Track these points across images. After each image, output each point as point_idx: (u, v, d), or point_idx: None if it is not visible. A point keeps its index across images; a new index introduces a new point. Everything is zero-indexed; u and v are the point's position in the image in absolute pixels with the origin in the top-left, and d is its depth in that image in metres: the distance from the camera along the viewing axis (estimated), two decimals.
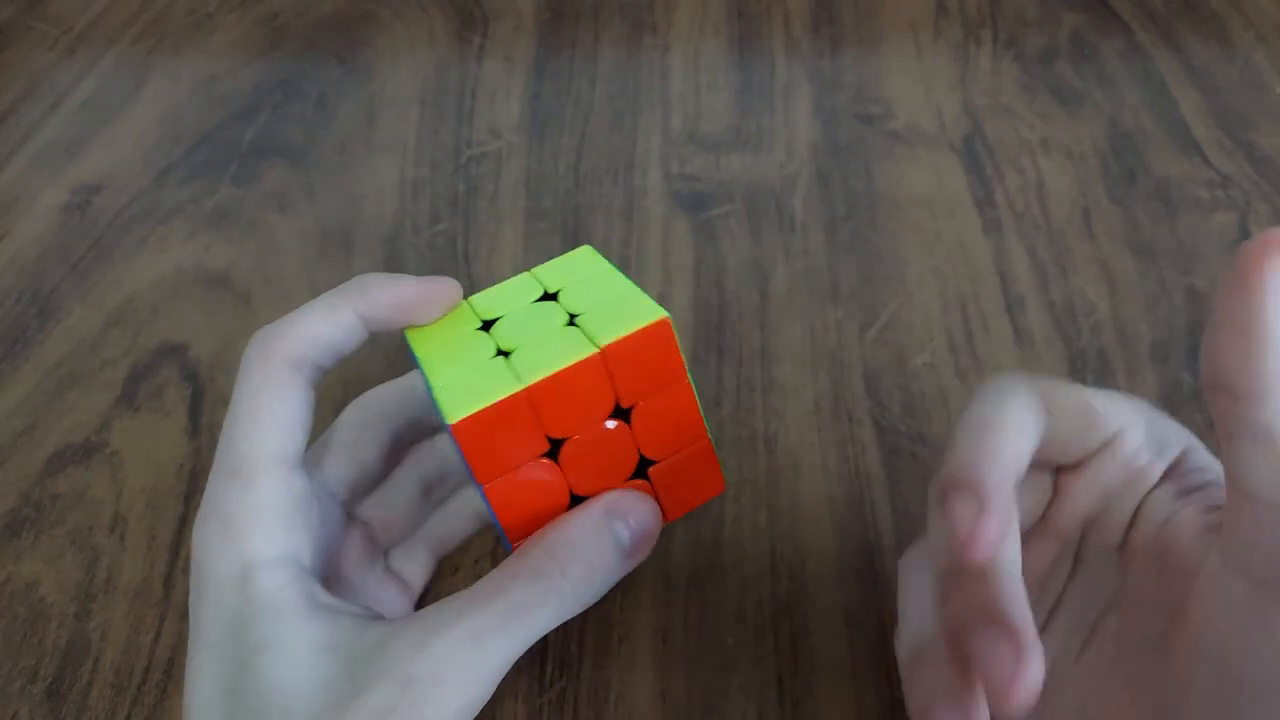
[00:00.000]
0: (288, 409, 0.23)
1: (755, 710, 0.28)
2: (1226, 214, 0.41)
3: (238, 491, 0.22)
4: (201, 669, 0.22)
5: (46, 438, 0.34)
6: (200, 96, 0.48)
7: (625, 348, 0.22)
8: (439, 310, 0.25)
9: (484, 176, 0.44)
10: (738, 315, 0.38)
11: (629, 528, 0.23)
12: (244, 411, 0.23)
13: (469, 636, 0.21)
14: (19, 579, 0.31)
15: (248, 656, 0.21)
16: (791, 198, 0.42)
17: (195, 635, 0.22)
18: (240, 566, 0.22)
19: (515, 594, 0.21)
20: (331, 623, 0.21)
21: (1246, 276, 0.18)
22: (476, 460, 0.22)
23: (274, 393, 0.23)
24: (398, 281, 0.24)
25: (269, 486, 0.22)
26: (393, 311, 0.24)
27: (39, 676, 0.28)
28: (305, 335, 0.23)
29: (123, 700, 0.28)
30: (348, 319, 0.24)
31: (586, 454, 0.23)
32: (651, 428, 0.24)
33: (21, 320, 0.38)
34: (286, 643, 0.21)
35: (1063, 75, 0.48)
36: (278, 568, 0.22)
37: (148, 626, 0.29)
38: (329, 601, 0.22)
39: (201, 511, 0.23)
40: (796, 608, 0.30)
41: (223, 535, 0.22)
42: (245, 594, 0.21)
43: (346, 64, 0.50)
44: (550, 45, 0.51)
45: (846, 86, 0.48)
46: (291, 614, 0.21)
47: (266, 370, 0.23)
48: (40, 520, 0.32)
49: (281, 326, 0.23)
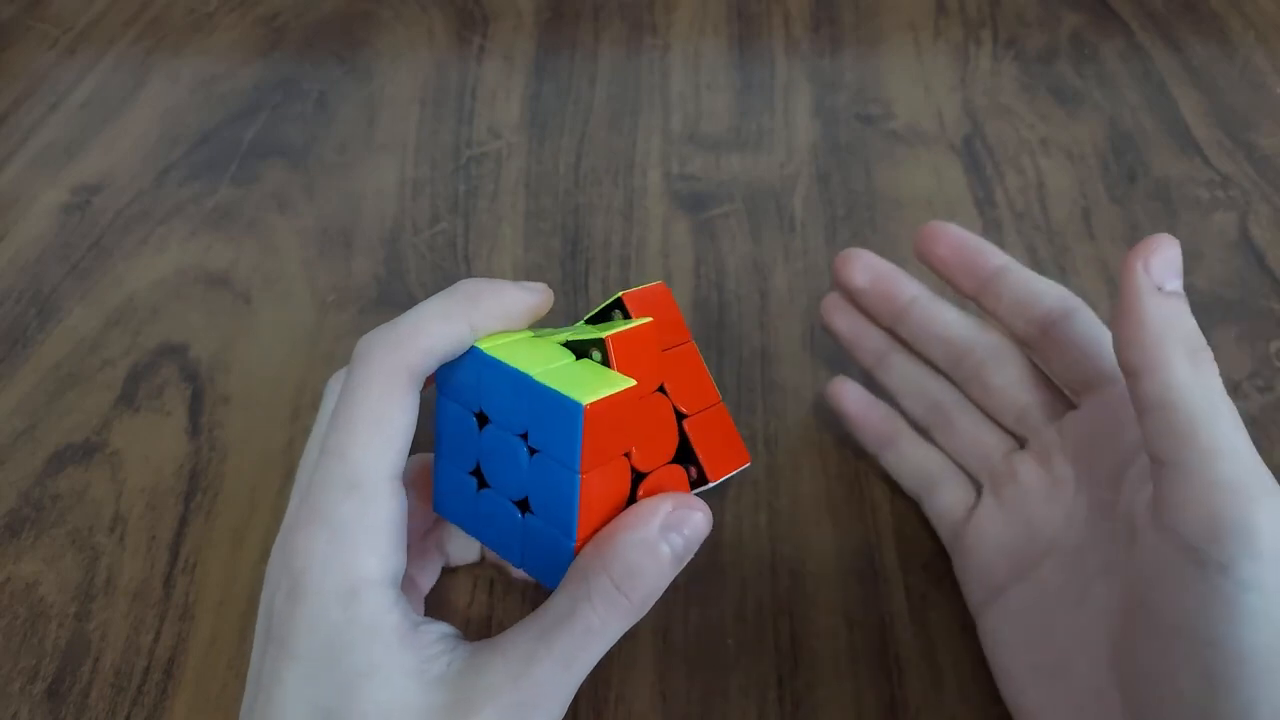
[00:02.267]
0: (406, 424, 0.23)
1: (755, 710, 0.28)
2: (1226, 214, 0.41)
3: (356, 506, 0.22)
4: (291, 685, 0.21)
5: (46, 438, 0.34)
6: (200, 96, 0.48)
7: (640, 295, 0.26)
8: (535, 317, 0.25)
9: (484, 176, 0.44)
10: (738, 315, 0.38)
11: (683, 538, 0.23)
12: (366, 422, 0.22)
13: (560, 663, 0.21)
14: (19, 579, 0.31)
15: (350, 680, 0.21)
16: (791, 198, 0.42)
17: (286, 647, 0.21)
18: (349, 584, 0.21)
19: (592, 619, 0.22)
20: (427, 647, 0.22)
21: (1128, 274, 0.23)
22: (588, 448, 0.22)
23: (396, 406, 0.22)
24: (503, 290, 0.24)
25: (385, 503, 0.22)
26: (500, 323, 0.24)
27: (39, 676, 0.28)
28: (424, 347, 0.23)
29: (123, 700, 0.28)
30: (462, 331, 0.23)
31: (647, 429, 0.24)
32: (677, 380, 0.25)
33: (21, 320, 0.38)
34: (391, 668, 0.21)
35: (1063, 75, 0.48)
36: (386, 589, 0.22)
37: (148, 626, 0.29)
38: (420, 621, 0.22)
39: (307, 517, 0.22)
40: (796, 608, 0.30)
41: (334, 549, 0.21)
42: (351, 614, 0.21)
43: (346, 64, 0.50)
44: (550, 45, 0.51)
45: (846, 86, 0.48)
46: (396, 640, 0.21)
47: (389, 382, 0.22)
48: (40, 520, 0.32)
49: (402, 335, 0.23)
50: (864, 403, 0.32)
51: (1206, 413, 0.21)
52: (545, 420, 0.23)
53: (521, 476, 0.23)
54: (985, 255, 0.29)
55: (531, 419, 0.23)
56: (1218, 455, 0.21)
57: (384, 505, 0.22)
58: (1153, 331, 0.22)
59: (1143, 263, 0.23)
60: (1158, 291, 0.23)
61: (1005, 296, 0.28)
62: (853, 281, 0.31)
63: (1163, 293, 0.23)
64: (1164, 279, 0.23)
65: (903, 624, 0.29)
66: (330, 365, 0.36)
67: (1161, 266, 0.23)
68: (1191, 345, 0.22)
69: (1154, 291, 0.23)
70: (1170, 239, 0.23)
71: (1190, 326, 0.23)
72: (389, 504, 0.22)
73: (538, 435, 0.23)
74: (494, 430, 0.24)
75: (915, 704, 0.28)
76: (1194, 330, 0.23)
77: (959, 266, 0.29)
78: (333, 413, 0.23)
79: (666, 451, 0.25)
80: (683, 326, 0.26)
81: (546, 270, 0.40)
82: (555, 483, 0.23)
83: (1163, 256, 0.23)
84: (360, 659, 0.21)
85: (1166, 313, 0.23)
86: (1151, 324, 0.22)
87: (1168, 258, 0.23)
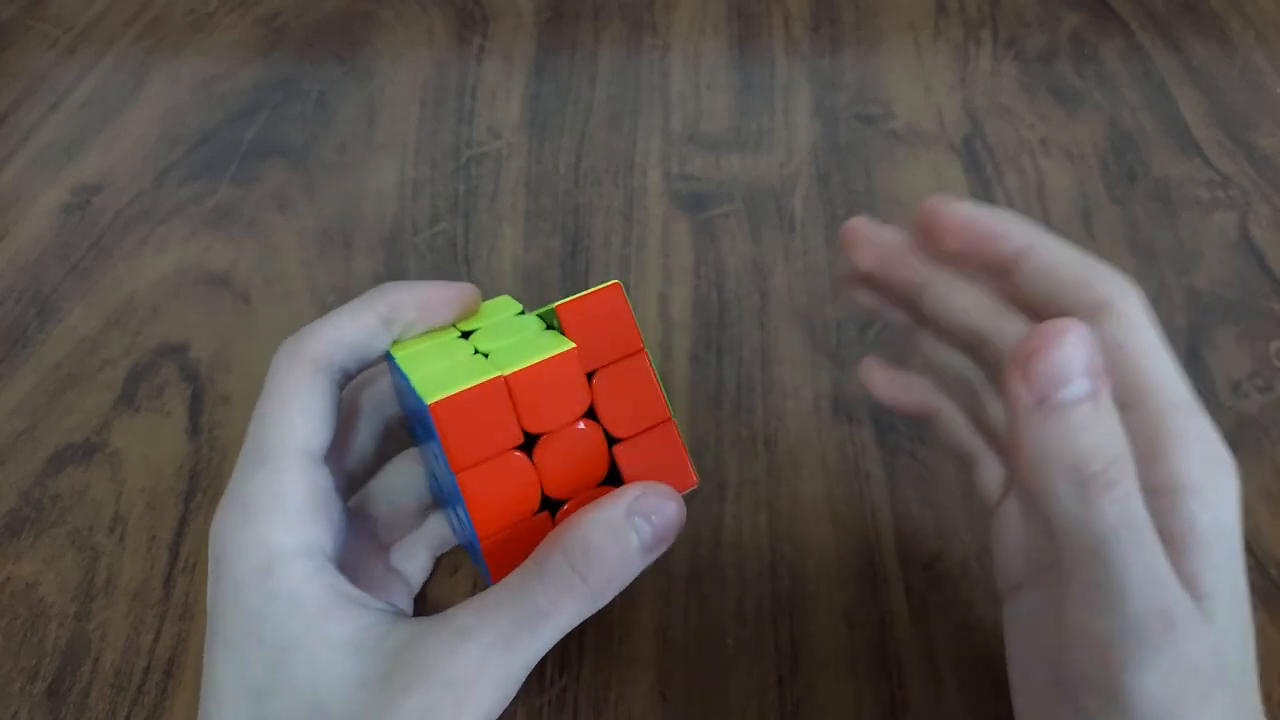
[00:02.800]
0: (313, 404, 0.23)
1: (755, 710, 0.28)
2: (1226, 214, 0.41)
3: (262, 479, 0.22)
4: (221, 665, 0.21)
5: (46, 438, 0.34)
6: (200, 96, 0.48)
7: (581, 305, 0.23)
8: (455, 312, 0.25)
9: (484, 176, 0.44)
10: (738, 315, 0.38)
11: (650, 524, 0.22)
12: (271, 407, 0.23)
13: (499, 640, 0.21)
14: (19, 579, 0.31)
15: (276, 654, 0.21)
16: (791, 198, 0.42)
17: (214, 630, 0.22)
18: (263, 556, 0.21)
19: (540, 598, 0.21)
20: (357, 618, 0.21)
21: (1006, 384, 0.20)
22: (452, 445, 0.22)
23: (300, 388, 0.23)
24: (417, 285, 0.25)
25: (294, 476, 0.22)
26: (413, 313, 0.25)
27: (39, 676, 0.28)
28: (329, 337, 0.24)
29: (123, 700, 0.28)
30: (369, 322, 0.24)
31: (560, 451, 0.23)
32: (613, 399, 0.23)
33: (21, 320, 0.38)
34: (316, 640, 0.21)
35: (1063, 75, 0.48)
36: (302, 558, 0.22)
37: (148, 626, 0.29)
38: (352, 593, 0.22)
39: (223, 502, 0.23)
40: (796, 608, 0.30)
41: (245, 523, 0.22)
42: (268, 587, 0.21)
43: (346, 64, 0.50)
44: (550, 45, 0.51)
45: (846, 86, 0.48)
46: (318, 610, 0.21)
47: (292, 369, 0.23)
48: (40, 520, 0.32)
49: (307, 331, 0.24)
50: (895, 385, 0.29)
51: (1093, 551, 0.19)
52: (424, 420, 0.23)
53: (444, 476, 0.24)
54: (999, 240, 0.24)
55: (421, 420, 0.23)
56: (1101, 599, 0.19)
57: (291, 477, 0.22)
58: (1030, 457, 0.19)
59: (1021, 373, 0.19)
60: (1040, 407, 0.19)
61: (1027, 289, 0.23)
62: (860, 265, 0.27)
63: (1047, 407, 0.19)
64: (1050, 388, 0.19)
65: (903, 624, 0.29)
66: None
67: (1047, 373, 0.19)
68: (1081, 472, 0.18)
69: (1032, 410, 0.19)
70: (1063, 328, 0.19)
71: (1084, 445, 0.19)
72: (298, 477, 0.22)
73: (425, 435, 0.23)
74: (419, 433, 0.24)
75: (915, 704, 0.28)
76: (1089, 449, 0.19)
77: (972, 260, 0.24)
78: None
79: (591, 478, 0.24)
80: (634, 335, 0.24)
81: (546, 270, 0.40)
82: (450, 483, 0.23)
83: (1048, 359, 0.19)
84: (281, 633, 0.21)
85: (1047, 434, 0.19)
86: (1028, 449, 0.19)
87: (1057, 358, 0.19)
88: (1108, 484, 0.18)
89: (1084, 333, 0.19)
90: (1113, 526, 0.18)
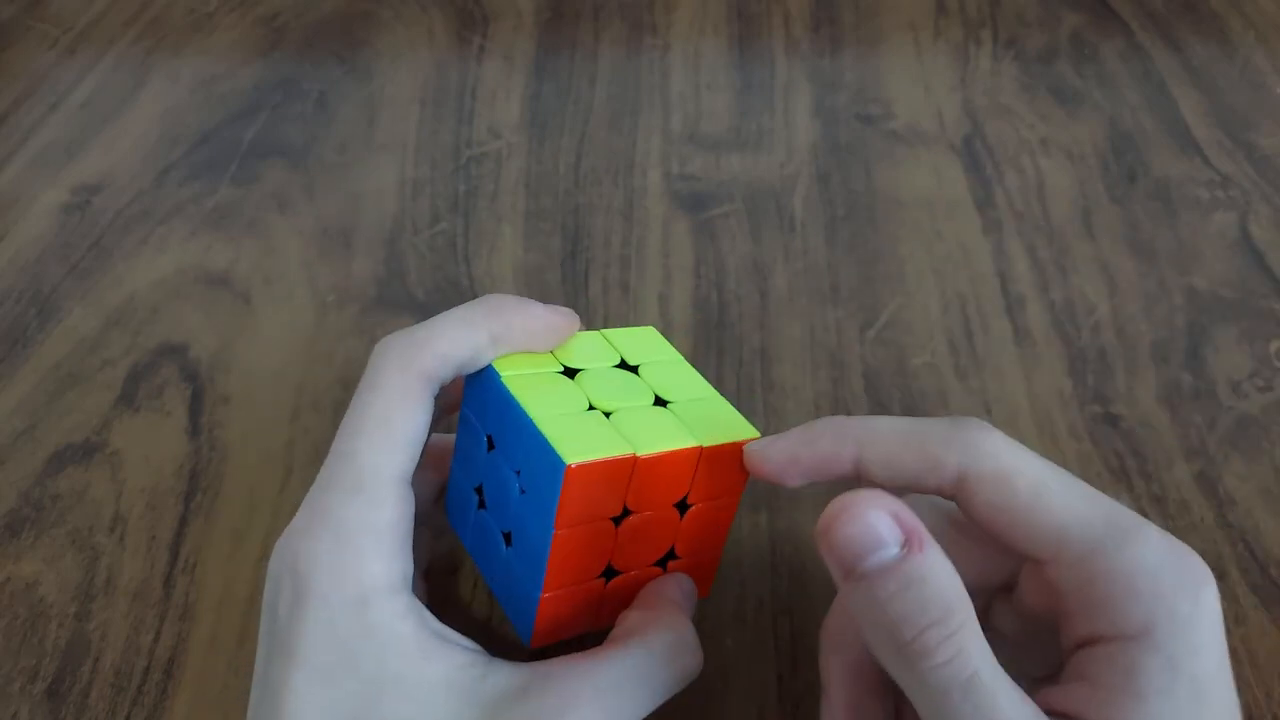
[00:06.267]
0: (416, 426, 0.22)
1: (755, 710, 0.28)
2: (1226, 214, 0.41)
3: (360, 508, 0.21)
4: (304, 691, 0.21)
5: (46, 438, 0.34)
6: (200, 96, 0.48)
7: (721, 454, 0.24)
8: (559, 340, 0.25)
9: (484, 176, 0.44)
10: (738, 315, 0.38)
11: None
12: (374, 424, 0.22)
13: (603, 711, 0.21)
14: (19, 579, 0.31)
15: (371, 691, 0.20)
16: (791, 198, 0.42)
17: (297, 654, 0.21)
18: (359, 589, 0.21)
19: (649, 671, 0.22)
20: (451, 658, 0.21)
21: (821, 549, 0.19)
22: (566, 506, 0.22)
23: (406, 407, 0.22)
24: (528, 308, 0.24)
25: (391, 507, 0.21)
26: (521, 336, 0.24)
27: (39, 676, 0.28)
28: (441, 352, 0.23)
29: (123, 700, 0.28)
30: (482, 341, 0.23)
31: (640, 531, 0.24)
32: (693, 529, 0.25)
33: (21, 320, 0.38)
34: (413, 678, 0.21)
35: (1063, 75, 0.48)
36: (397, 595, 0.21)
37: (148, 627, 0.29)
38: (443, 631, 0.22)
39: (308, 522, 0.21)
40: (796, 608, 0.30)
41: (339, 552, 0.21)
42: (364, 622, 0.21)
43: (346, 64, 0.50)
44: (550, 45, 0.51)
45: (846, 86, 0.48)
46: (415, 649, 0.21)
47: (403, 384, 0.22)
48: (40, 520, 0.32)
49: (420, 339, 0.23)
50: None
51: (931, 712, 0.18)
52: (535, 465, 0.22)
53: (511, 510, 0.23)
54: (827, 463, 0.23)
55: (524, 459, 0.23)
56: None
57: (390, 509, 0.21)
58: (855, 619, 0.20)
59: (825, 545, 0.19)
60: (850, 575, 0.19)
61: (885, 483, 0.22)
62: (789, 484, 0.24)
63: (855, 575, 0.18)
64: (852, 560, 0.18)
65: None
66: (330, 365, 0.36)
67: (844, 545, 0.18)
68: (896, 641, 0.18)
69: (844, 578, 0.19)
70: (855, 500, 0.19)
71: (893, 614, 0.18)
72: (395, 508, 0.22)
73: (527, 477, 0.23)
74: (497, 456, 0.24)
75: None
76: (899, 618, 0.18)
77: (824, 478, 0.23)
78: (345, 415, 0.22)
79: (650, 559, 0.25)
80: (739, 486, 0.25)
81: (546, 270, 0.40)
82: (534, 529, 0.23)
83: (842, 533, 0.18)
84: (381, 669, 0.21)
85: (857, 604, 0.19)
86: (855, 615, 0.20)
87: (850, 532, 0.18)
88: (923, 651, 0.18)
89: (879, 500, 0.18)
90: (942, 690, 0.18)
